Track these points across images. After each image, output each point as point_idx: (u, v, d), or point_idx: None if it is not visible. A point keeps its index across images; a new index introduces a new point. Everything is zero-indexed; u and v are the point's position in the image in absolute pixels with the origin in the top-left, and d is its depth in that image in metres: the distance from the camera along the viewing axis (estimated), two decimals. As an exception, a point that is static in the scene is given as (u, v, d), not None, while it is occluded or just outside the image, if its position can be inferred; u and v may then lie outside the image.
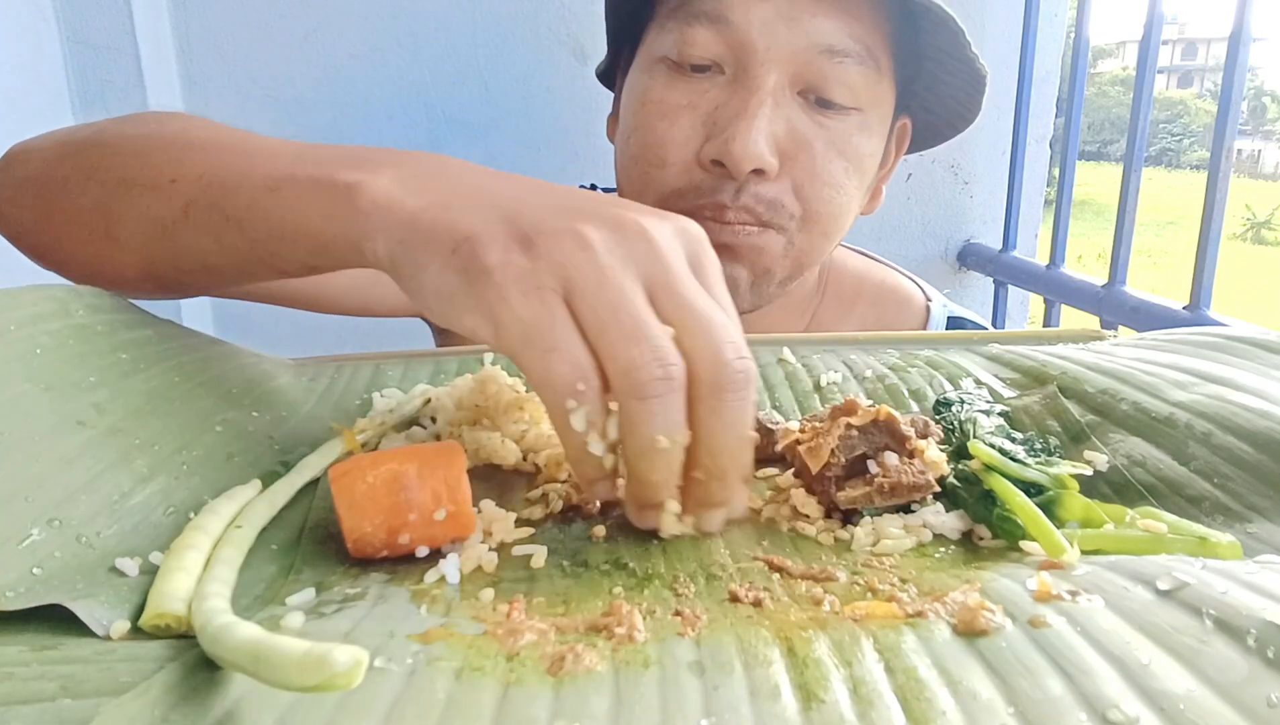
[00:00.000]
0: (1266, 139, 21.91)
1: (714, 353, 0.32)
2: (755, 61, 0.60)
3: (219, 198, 0.41)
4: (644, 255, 0.33)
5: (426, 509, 0.32)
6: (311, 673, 0.21)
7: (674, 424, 0.32)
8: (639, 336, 0.31)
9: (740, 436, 0.33)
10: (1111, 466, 0.39)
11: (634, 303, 0.32)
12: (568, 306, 0.32)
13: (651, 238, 0.33)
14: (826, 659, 0.25)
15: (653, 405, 0.31)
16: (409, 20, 1.22)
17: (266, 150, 0.43)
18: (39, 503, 0.32)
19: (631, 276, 0.32)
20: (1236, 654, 0.23)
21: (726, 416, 0.32)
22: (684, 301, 0.33)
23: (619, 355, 0.31)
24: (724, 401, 0.32)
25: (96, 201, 0.46)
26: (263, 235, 0.40)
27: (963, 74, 0.66)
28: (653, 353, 0.31)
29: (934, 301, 0.79)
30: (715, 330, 0.32)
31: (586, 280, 0.32)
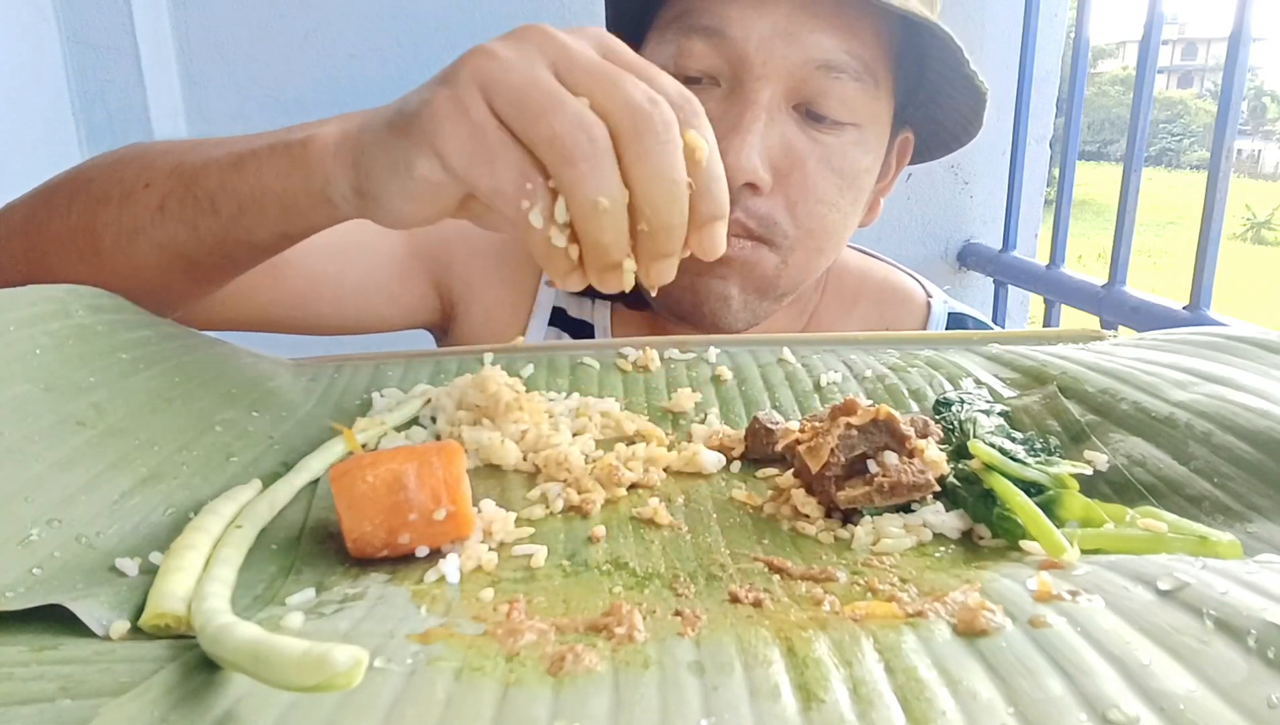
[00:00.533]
0: (1266, 139, 21.91)
1: (624, 102, 0.34)
2: (751, 76, 0.59)
3: (189, 186, 0.45)
4: (544, 46, 0.35)
5: (426, 509, 0.32)
6: (311, 673, 0.21)
7: (608, 182, 0.34)
8: (553, 108, 0.33)
9: (671, 180, 0.34)
10: (1111, 466, 0.39)
11: (542, 81, 0.34)
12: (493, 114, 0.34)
13: (548, 32, 0.36)
14: (826, 659, 0.25)
15: (582, 168, 0.33)
16: (409, 20, 1.22)
17: (229, 140, 0.46)
18: (39, 503, 0.32)
19: (536, 64, 0.35)
20: (1237, 654, 0.23)
21: (652, 162, 0.34)
22: (590, 69, 0.35)
23: (541, 132, 0.33)
24: (646, 147, 0.34)
25: (80, 223, 0.49)
26: (234, 210, 0.44)
27: (962, 93, 0.66)
28: (570, 119, 0.33)
29: (935, 298, 0.79)
30: (623, 84, 0.34)
31: (497, 82, 0.34)
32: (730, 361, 0.54)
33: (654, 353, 0.55)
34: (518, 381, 0.47)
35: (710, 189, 0.36)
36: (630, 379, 0.53)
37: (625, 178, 0.34)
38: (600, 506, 0.38)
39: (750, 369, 0.53)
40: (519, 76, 0.34)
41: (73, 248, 0.49)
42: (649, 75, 0.36)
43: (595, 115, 0.34)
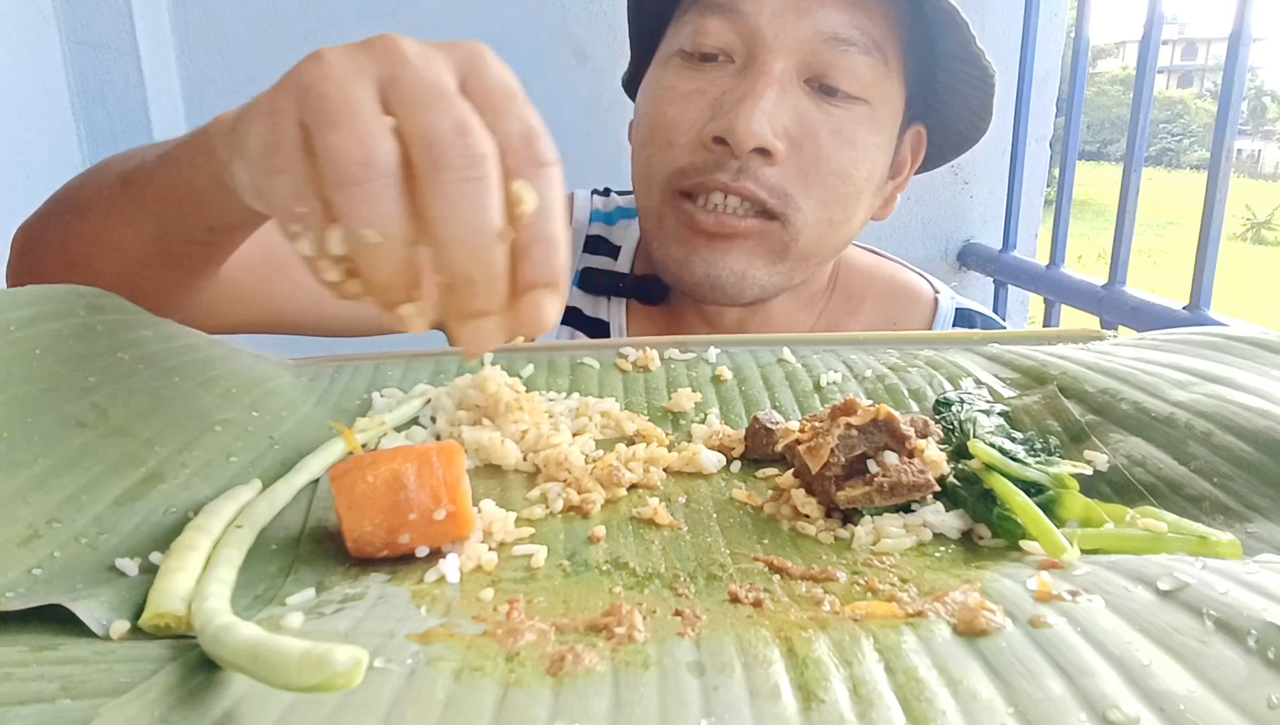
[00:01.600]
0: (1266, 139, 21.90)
1: (425, 134, 0.29)
2: (763, 48, 0.62)
3: (128, 187, 0.46)
4: (380, 57, 0.31)
5: (426, 509, 0.32)
6: (311, 673, 0.21)
7: (379, 214, 0.29)
8: (338, 121, 0.29)
9: (471, 226, 0.29)
10: (1111, 466, 0.39)
11: (347, 93, 0.30)
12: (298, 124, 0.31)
13: (392, 42, 0.32)
14: (826, 659, 0.25)
15: (351, 193, 0.29)
16: (409, 20, 1.22)
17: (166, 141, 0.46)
18: (39, 503, 0.32)
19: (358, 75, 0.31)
20: (1237, 655, 0.23)
21: (449, 201, 0.29)
22: (413, 89, 0.30)
23: (320, 145, 0.29)
24: (442, 183, 0.29)
25: (59, 237, 0.51)
26: (160, 205, 0.44)
27: (974, 78, 0.67)
28: (351, 135, 0.29)
29: (942, 294, 0.79)
30: (434, 109, 0.30)
31: (308, 88, 0.30)
32: (730, 361, 0.54)
33: (654, 353, 0.55)
34: (517, 381, 0.47)
35: (530, 251, 0.31)
36: (630, 379, 0.53)
37: (421, 216, 0.30)
38: (600, 506, 0.38)
39: (750, 369, 0.53)
40: (331, 85, 0.30)
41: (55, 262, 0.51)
42: (498, 107, 0.31)
43: (385, 134, 0.29)
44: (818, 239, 0.66)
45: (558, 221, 0.31)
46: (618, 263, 0.79)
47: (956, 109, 0.70)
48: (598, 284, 0.78)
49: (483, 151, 0.30)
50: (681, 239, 0.66)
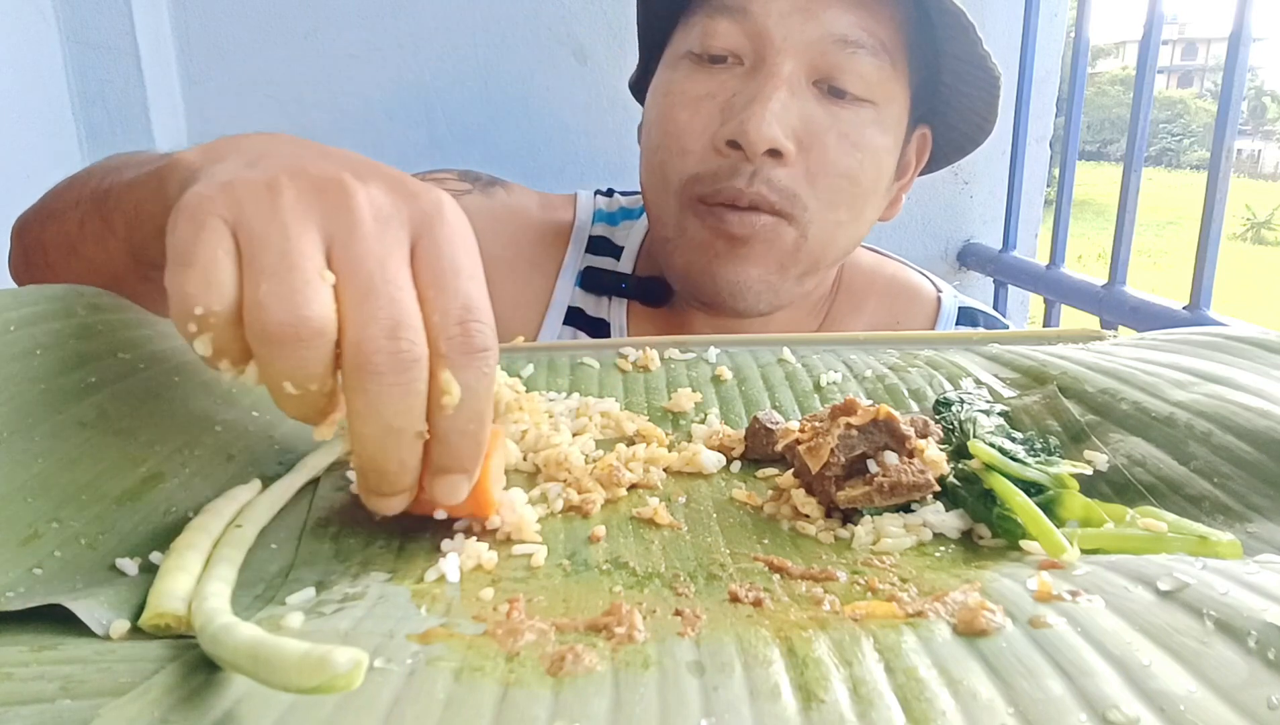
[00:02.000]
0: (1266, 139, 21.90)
1: (357, 330, 0.29)
2: (772, 51, 0.62)
3: (99, 204, 0.45)
4: (333, 211, 0.30)
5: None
6: (311, 674, 0.21)
7: (304, 374, 0.29)
8: (274, 272, 0.28)
9: (384, 426, 0.29)
10: (1111, 466, 0.39)
11: (288, 242, 0.29)
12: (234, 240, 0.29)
13: (349, 196, 0.31)
14: (826, 659, 0.25)
15: (276, 351, 0.29)
16: (409, 20, 1.22)
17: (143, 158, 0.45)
18: (39, 502, 0.32)
19: (305, 227, 0.29)
20: (1237, 655, 0.23)
21: (369, 402, 0.29)
22: (353, 266, 0.29)
23: (250, 289, 0.29)
24: (363, 385, 0.29)
25: (39, 239, 0.51)
26: (124, 228, 0.43)
27: (979, 80, 0.67)
28: (284, 293, 0.28)
29: (944, 293, 0.80)
30: (369, 300, 0.29)
31: (253, 217, 0.29)
32: (730, 361, 0.54)
33: (654, 353, 0.55)
34: (518, 382, 0.47)
35: (449, 441, 0.31)
36: (630, 379, 0.53)
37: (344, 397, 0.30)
38: (600, 506, 0.38)
39: (750, 369, 0.53)
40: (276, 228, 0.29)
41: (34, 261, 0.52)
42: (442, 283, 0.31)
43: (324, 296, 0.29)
44: (826, 241, 0.66)
45: (482, 410, 0.31)
46: (620, 263, 0.79)
47: (961, 111, 0.71)
48: (600, 284, 0.78)
49: (412, 357, 0.29)
50: (705, 246, 0.66)
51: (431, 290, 0.31)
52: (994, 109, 0.70)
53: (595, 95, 1.25)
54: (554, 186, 0.88)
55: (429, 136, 1.25)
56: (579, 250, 0.80)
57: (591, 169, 1.26)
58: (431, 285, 0.31)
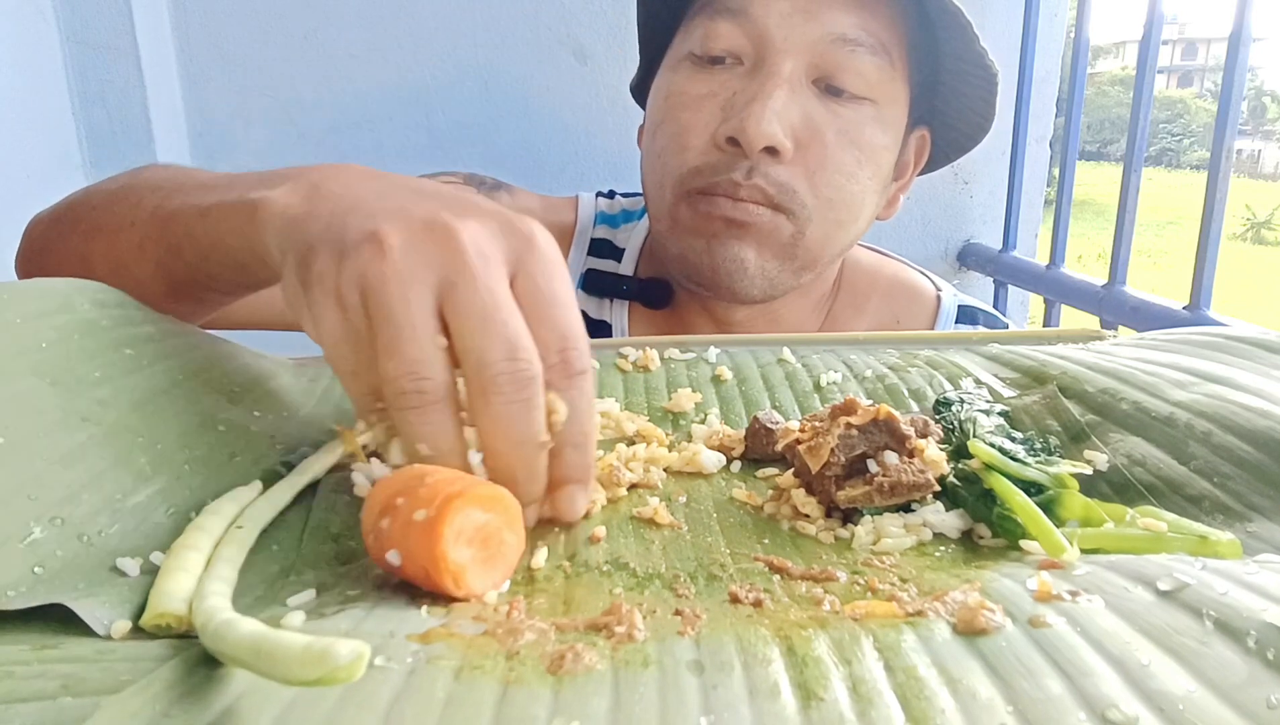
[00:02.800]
0: (1266, 139, 21.90)
1: (479, 356, 0.32)
2: (772, 50, 0.63)
3: (163, 230, 0.46)
4: (441, 258, 0.33)
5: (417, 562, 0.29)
6: (313, 666, 0.21)
7: (434, 433, 0.33)
8: (394, 350, 0.32)
9: (516, 442, 0.33)
10: (1111, 466, 0.40)
11: (405, 310, 0.32)
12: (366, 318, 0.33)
13: (455, 238, 0.33)
14: (826, 658, 0.25)
15: (409, 417, 0.32)
16: (409, 20, 1.22)
17: (207, 183, 0.46)
18: (41, 500, 0.32)
19: (420, 281, 0.33)
20: (1237, 655, 0.23)
21: (497, 422, 0.32)
22: (466, 305, 0.33)
23: (381, 368, 0.33)
24: (491, 406, 0.32)
25: (76, 250, 0.51)
26: (196, 258, 0.44)
27: (977, 79, 0.67)
28: (404, 367, 0.32)
29: (944, 293, 0.80)
30: (487, 330, 0.32)
31: (374, 290, 0.33)
32: (730, 361, 0.54)
33: (654, 353, 0.55)
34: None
35: (564, 454, 0.35)
36: (630, 379, 0.53)
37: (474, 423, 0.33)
38: (600, 507, 0.38)
39: (750, 369, 0.53)
40: (392, 298, 0.32)
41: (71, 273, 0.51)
42: (542, 315, 0.34)
43: (439, 360, 0.33)
44: (823, 238, 0.67)
45: (586, 426, 0.35)
46: (621, 265, 0.80)
47: (960, 110, 0.71)
48: (601, 286, 0.78)
49: (529, 375, 0.33)
50: (698, 230, 0.66)
51: (532, 321, 0.34)
52: (992, 108, 0.70)
53: (595, 95, 1.25)
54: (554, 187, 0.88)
55: (429, 136, 1.25)
56: (581, 253, 0.81)
57: (591, 169, 1.26)
58: (531, 316, 0.34)
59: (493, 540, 0.30)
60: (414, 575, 0.30)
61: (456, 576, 0.29)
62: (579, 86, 1.25)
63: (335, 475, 0.40)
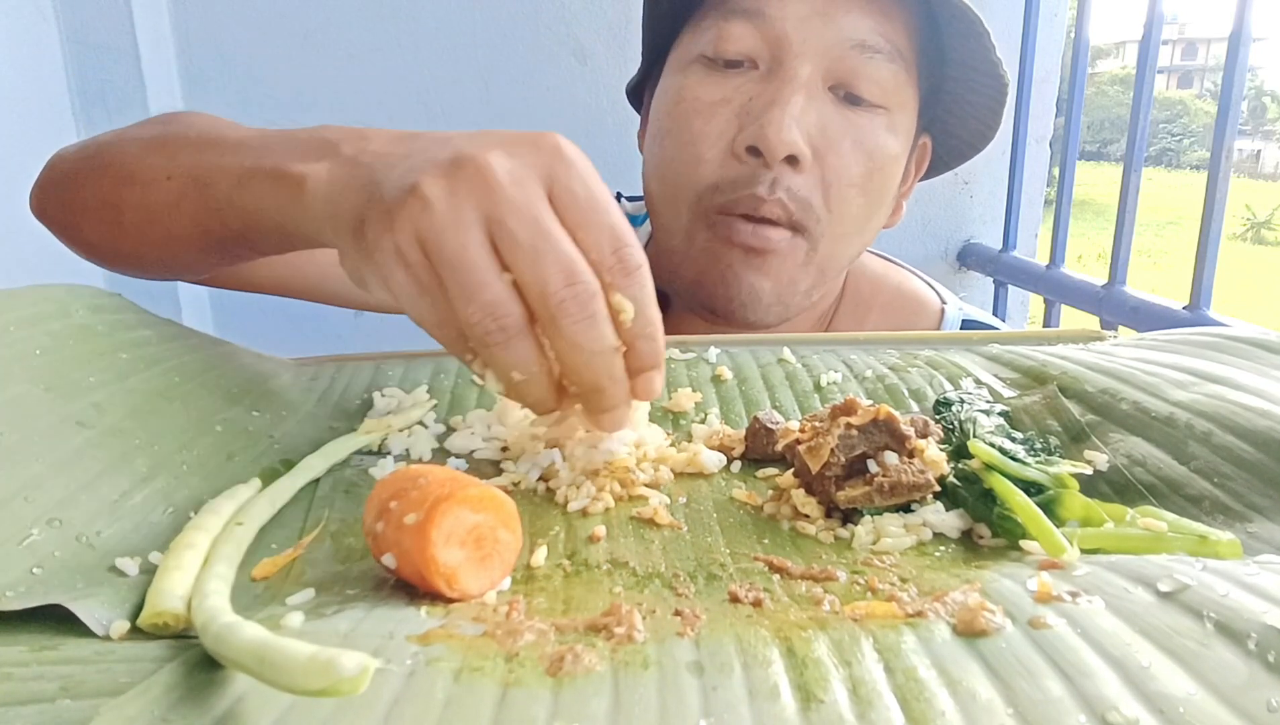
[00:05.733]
0: (1266, 139, 21.90)
1: (540, 288, 0.35)
2: (790, 55, 0.61)
3: (201, 192, 0.46)
4: (480, 195, 0.35)
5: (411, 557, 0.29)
6: (318, 677, 0.21)
7: (520, 359, 0.36)
8: (470, 296, 0.35)
9: (590, 352, 0.36)
10: (1111, 466, 0.39)
11: (466, 257, 0.35)
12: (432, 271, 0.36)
13: (487, 172, 0.35)
14: (826, 659, 0.25)
15: (496, 352, 0.36)
16: (409, 20, 1.22)
17: (242, 143, 0.47)
18: (39, 502, 0.32)
19: (468, 225, 0.35)
20: (1237, 657, 0.23)
21: (568, 339, 0.35)
22: (515, 238, 0.35)
23: (460, 315, 0.35)
24: (560, 327, 0.35)
25: (107, 195, 0.52)
26: (240, 225, 0.46)
27: (985, 86, 0.67)
28: (483, 310, 0.35)
29: (949, 305, 0.79)
30: (541, 260, 0.35)
31: (430, 242, 0.35)
32: (730, 361, 0.54)
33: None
34: None
35: (636, 347, 0.37)
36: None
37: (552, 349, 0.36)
38: (605, 508, 0.38)
39: (750, 369, 0.53)
40: (449, 248, 0.35)
41: (98, 217, 0.52)
42: (587, 220, 0.36)
43: (510, 296, 0.35)
44: (832, 252, 0.65)
45: (652, 316, 0.38)
46: None
47: (963, 117, 0.70)
48: None
49: (589, 293, 0.35)
50: (719, 255, 0.64)
51: (579, 230, 0.36)
52: (999, 117, 0.69)
53: (595, 95, 1.25)
54: (554, 186, 0.88)
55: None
56: None
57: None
58: (578, 225, 0.36)
59: (486, 540, 0.30)
60: (410, 578, 0.30)
61: (449, 579, 0.29)
62: (579, 86, 1.25)
63: (335, 474, 0.40)
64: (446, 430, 0.46)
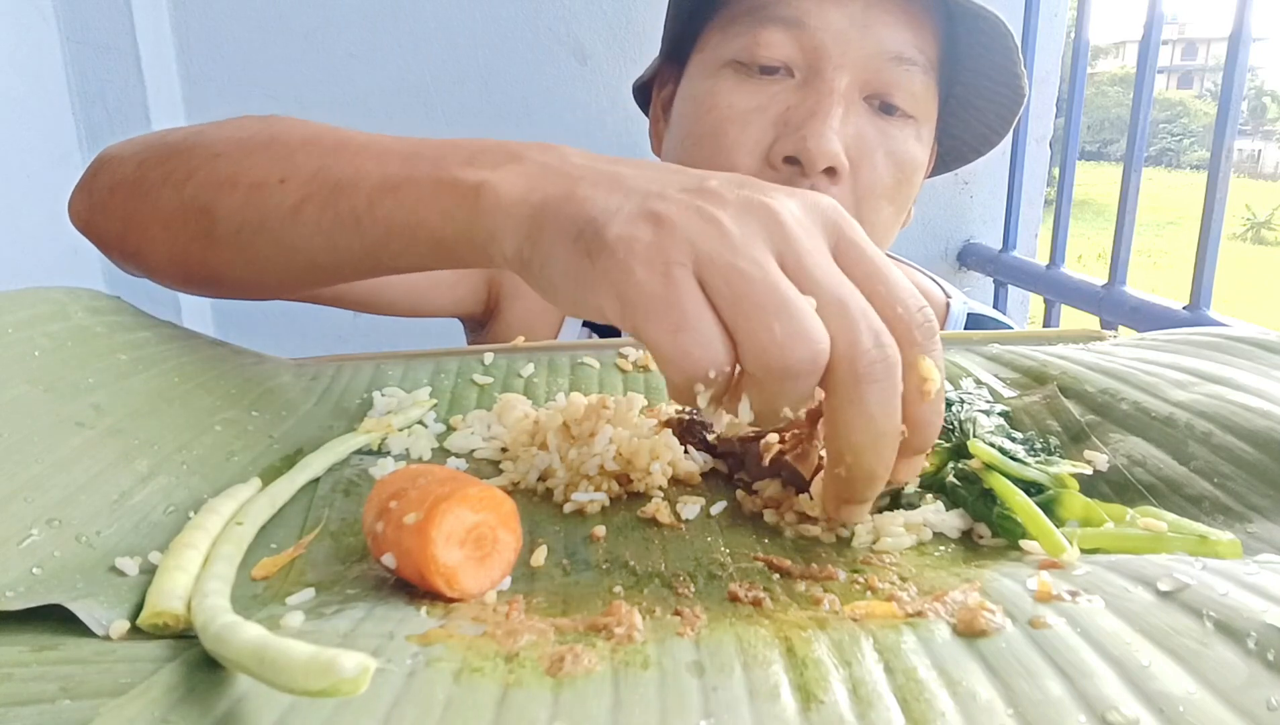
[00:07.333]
0: (1266, 139, 21.90)
1: (850, 340, 0.30)
2: (829, 65, 0.61)
3: (333, 197, 0.41)
4: (773, 231, 0.31)
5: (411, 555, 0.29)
6: (318, 677, 0.20)
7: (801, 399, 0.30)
8: (778, 310, 0.29)
9: (880, 432, 0.30)
10: (1111, 466, 0.39)
11: (770, 274, 0.29)
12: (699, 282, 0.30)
13: (778, 214, 0.31)
14: (826, 659, 0.25)
15: (788, 385, 0.29)
16: (409, 20, 1.22)
17: (377, 148, 0.41)
18: (38, 503, 0.32)
19: (764, 253, 0.30)
20: (1237, 657, 0.23)
21: (865, 411, 0.30)
22: (820, 278, 0.30)
23: (757, 330, 0.29)
24: (860, 394, 0.30)
25: (196, 202, 0.45)
26: (380, 235, 0.40)
27: (998, 95, 0.67)
28: (798, 332, 0.29)
29: (954, 299, 0.79)
30: (852, 314, 0.30)
31: (716, 253, 0.29)
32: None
33: (654, 353, 0.55)
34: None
35: (928, 423, 0.32)
36: (630, 379, 0.53)
37: (830, 412, 0.31)
38: (602, 507, 0.38)
39: (750, 369, 0.53)
40: (745, 261, 0.29)
41: (184, 227, 0.45)
42: (883, 279, 0.32)
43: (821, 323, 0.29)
44: None
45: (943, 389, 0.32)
46: None
47: (968, 121, 0.70)
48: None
49: (895, 360, 0.30)
50: None
51: (880, 286, 0.31)
52: (1009, 124, 0.69)
53: (595, 95, 1.25)
54: (554, 187, 0.88)
55: (429, 137, 1.25)
56: None
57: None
58: (876, 278, 0.31)
59: (486, 540, 0.30)
60: (410, 577, 0.30)
61: (449, 578, 0.29)
62: (579, 86, 1.25)
63: (335, 473, 0.40)
64: (446, 430, 0.46)
